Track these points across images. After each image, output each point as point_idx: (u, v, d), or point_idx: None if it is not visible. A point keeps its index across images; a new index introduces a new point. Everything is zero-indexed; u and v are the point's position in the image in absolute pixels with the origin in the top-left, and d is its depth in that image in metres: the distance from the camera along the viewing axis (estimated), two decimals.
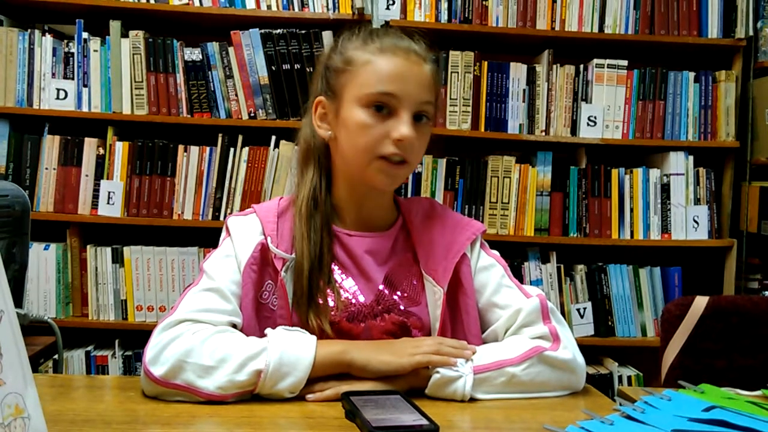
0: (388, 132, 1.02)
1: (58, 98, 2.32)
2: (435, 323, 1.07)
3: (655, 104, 2.44)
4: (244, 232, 1.08)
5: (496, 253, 1.15)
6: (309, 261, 1.05)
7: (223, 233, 1.11)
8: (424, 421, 0.81)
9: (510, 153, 2.43)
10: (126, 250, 2.34)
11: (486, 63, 2.40)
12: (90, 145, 2.34)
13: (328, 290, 1.06)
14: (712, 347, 1.43)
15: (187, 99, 2.34)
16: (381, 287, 1.08)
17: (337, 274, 1.08)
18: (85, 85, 2.32)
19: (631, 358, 2.49)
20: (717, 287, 2.48)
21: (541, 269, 2.41)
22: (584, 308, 2.41)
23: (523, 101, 2.41)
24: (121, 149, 2.33)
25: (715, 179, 2.47)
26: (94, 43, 2.32)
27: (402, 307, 1.08)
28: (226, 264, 1.05)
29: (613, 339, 2.42)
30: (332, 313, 1.05)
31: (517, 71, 2.41)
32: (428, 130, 1.08)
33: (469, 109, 2.39)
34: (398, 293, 1.09)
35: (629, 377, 2.41)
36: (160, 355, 0.91)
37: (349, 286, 1.07)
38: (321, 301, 1.05)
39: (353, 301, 1.07)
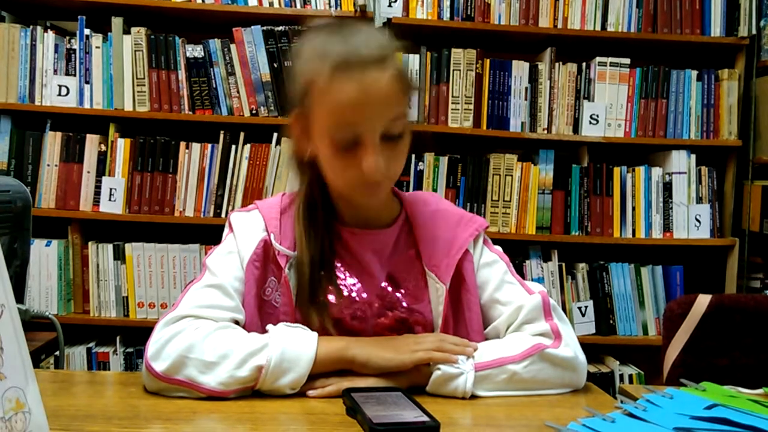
0: (358, 166, 0.97)
1: (60, 95, 2.32)
2: (437, 320, 1.06)
3: (657, 102, 2.44)
4: (246, 229, 1.08)
5: (498, 248, 1.14)
6: (310, 259, 1.04)
7: (226, 229, 1.11)
8: (426, 418, 0.81)
9: (512, 151, 2.43)
10: (127, 246, 2.34)
11: (488, 61, 2.39)
12: (92, 142, 2.34)
13: (330, 288, 1.06)
14: (715, 345, 1.43)
15: (188, 96, 2.34)
16: (384, 284, 1.08)
17: (340, 271, 1.08)
18: (87, 82, 2.32)
19: (633, 357, 2.49)
20: (719, 286, 2.48)
21: (542, 267, 2.41)
22: (586, 306, 2.41)
23: (525, 99, 2.41)
24: (122, 146, 2.33)
25: (717, 178, 2.47)
26: (96, 40, 2.32)
27: (405, 304, 1.07)
28: (229, 260, 1.05)
29: (614, 337, 2.42)
30: (334, 310, 1.05)
31: (520, 69, 2.41)
32: (405, 139, 1.02)
33: (471, 107, 2.38)
34: (401, 290, 1.08)
35: (630, 375, 2.41)
36: (162, 351, 0.91)
37: (351, 284, 1.07)
38: (324, 300, 1.04)
39: (356, 298, 1.07)
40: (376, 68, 0.95)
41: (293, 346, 0.92)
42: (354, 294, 1.06)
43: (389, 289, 1.08)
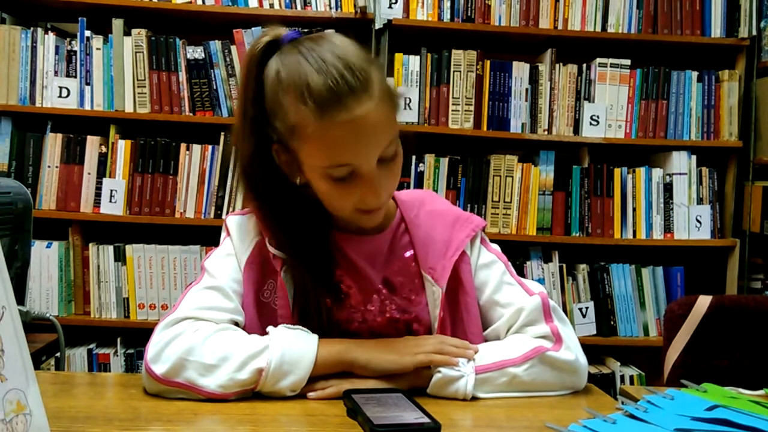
0: (356, 194, 0.96)
1: (60, 96, 2.32)
2: (434, 323, 1.06)
3: (658, 103, 2.44)
4: (242, 232, 1.07)
5: (496, 248, 1.13)
6: (305, 262, 1.04)
7: (223, 233, 1.11)
8: (426, 420, 0.81)
9: (512, 152, 2.43)
10: (128, 248, 2.34)
11: (488, 62, 2.40)
12: (92, 143, 2.34)
13: (326, 291, 1.05)
14: (715, 346, 1.43)
15: (189, 97, 2.34)
16: (380, 287, 1.07)
17: (336, 275, 1.07)
18: (87, 84, 2.33)
19: (633, 358, 2.49)
20: (720, 287, 2.48)
21: (543, 269, 2.41)
22: (586, 308, 2.41)
23: (526, 100, 2.41)
24: (123, 147, 2.33)
25: (717, 179, 2.47)
26: (97, 42, 2.33)
27: (402, 307, 1.06)
28: (227, 262, 1.05)
29: (615, 338, 2.42)
30: (331, 314, 1.04)
31: (520, 70, 2.41)
32: (398, 156, 1.00)
33: (472, 108, 2.38)
34: (398, 293, 1.07)
35: (631, 377, 2.41)
36: (162, 353, 0.91)
37: (347, 287, 1.06)
38: (319, 303, 1.04)
39: (352, 302, 1.06)
40: (361, 98, 0.90)
41: (293, 348, 0.92)
42: (350, 297, 1.06)
43: (385, 292, 1.07)
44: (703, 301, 1.43)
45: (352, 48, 0.95)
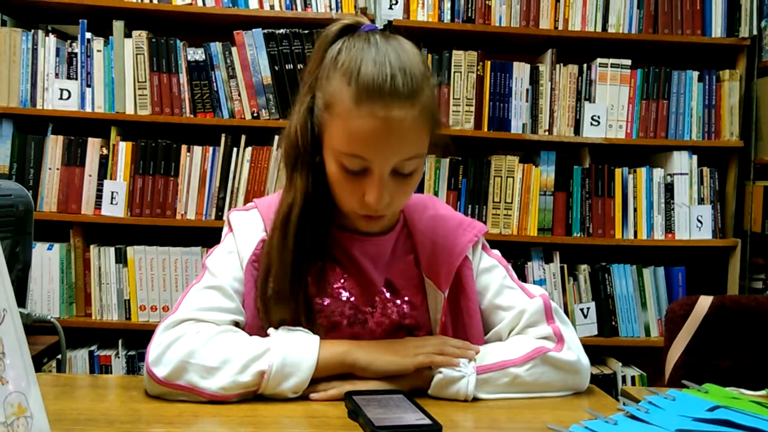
0: (362, 192, 0.96)
1: (61, 98, 2.32)
2: (435, 327, 1.06)
3: (658, 104, 2.43)
4: (245, 228, 1.07)
5: (497, 253, 1.14)
6: (304, 262, 1.03)
7: (225, 228, 1.10)
8: (428, 421, 0.81)
9: (513, 153, 2.43)
10: (129, 250, 2.34)
11: (489, 62, 2.40)
12: (93, 145, 2.34)
13: (327, 291, 1.05)
14: (717, 347, 1.43)
15: (190, 99, 2.34)
16: (382, 290, 1.07)
17: (337, 275, 1.07)
18: (88, 86, 2.33)
19: (635, 358, 2.49)
20: (721, 287, 2.47)
21: (544, 269, 2.41)
22: (588, 308, 2.41)
23: (527, 101, 2.41)
24: (124, 149, 2.33)
25: (719, 179, 2.47)
26: (98, 44, 2.33)
27: (404, 310, 1.06)
28: (229, 260, 1.04)
29: (616, 339, 2.42)
30: (332, 315, 1.04)
31: (520, 71, 2.41)
32: (416, 176, 1.00)
33: (472, 108, 2.38)
34: (399, 296, 1.07)
35: (633, 377, 2.41)
36: (163, 356, 0.91)
37: (349, 289, 1.06)
38: (318, 303, 1.04)
39: (354, 303, 1.05)
40: (402, 105, 0.91)
41: (295, 350, 0.92)
42: (352, 299, 1.05)
43: (387, 295, 1.07)
44: (704, 302, 1.43)
45: (416, 58, 0.97)
